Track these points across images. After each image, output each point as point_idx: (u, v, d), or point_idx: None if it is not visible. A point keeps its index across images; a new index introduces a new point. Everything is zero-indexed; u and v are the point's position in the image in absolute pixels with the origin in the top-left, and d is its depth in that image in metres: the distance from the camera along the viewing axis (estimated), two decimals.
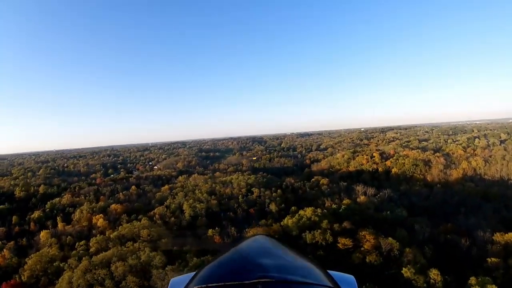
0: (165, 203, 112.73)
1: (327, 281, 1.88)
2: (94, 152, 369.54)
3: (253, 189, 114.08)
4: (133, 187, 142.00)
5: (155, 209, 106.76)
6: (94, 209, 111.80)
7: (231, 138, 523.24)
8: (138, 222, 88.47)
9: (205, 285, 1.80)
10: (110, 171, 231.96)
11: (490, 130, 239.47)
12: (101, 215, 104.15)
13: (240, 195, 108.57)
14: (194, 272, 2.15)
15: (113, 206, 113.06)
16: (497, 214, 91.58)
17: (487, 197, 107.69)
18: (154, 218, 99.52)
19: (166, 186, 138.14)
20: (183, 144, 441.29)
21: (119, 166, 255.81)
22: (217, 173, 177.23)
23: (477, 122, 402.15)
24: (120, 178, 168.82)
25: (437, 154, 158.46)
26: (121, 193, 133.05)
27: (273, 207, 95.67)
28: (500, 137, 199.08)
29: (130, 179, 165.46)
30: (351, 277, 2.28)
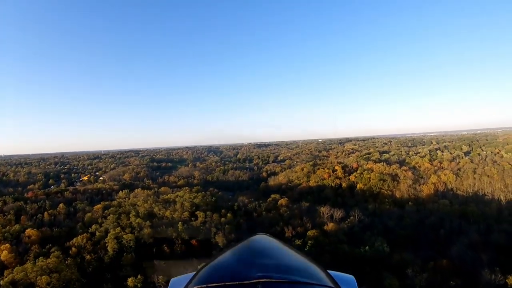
0: (90, 229, 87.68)
1: (327, 281, 1.86)
2: (42, 159, 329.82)
3: (197, 212, 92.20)
4: (61, 205, 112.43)
5: (74, 238, 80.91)
6: (6, 234, 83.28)
7: (187, 147, 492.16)
8: (43, 261, 63.82)
9: (205, 285, 1.78)
10: (51, 181, 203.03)
11: (449, 142, 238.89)
12: (7, 244, 76.27)
13: (180, 222, 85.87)
14: (194, 272, 2.11)
15: (28, 231, 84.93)
16: (483, 237, 78.17)
17: (466, 216, 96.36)
18: (70, 252, 74.52)
19: (99, 205, 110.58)
20: (136, 152, 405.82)
21: (62, 175, 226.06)
22: (163, 188, 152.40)
23: (431, 135, 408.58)
24: (55, 192, 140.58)
25: (404, 167, 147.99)
26: (46, 212, 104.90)
27: (219, 239, 74.35)
28: (462, 149, 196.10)
29: (65, 193, 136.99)
30: (351, 277, 2.26)
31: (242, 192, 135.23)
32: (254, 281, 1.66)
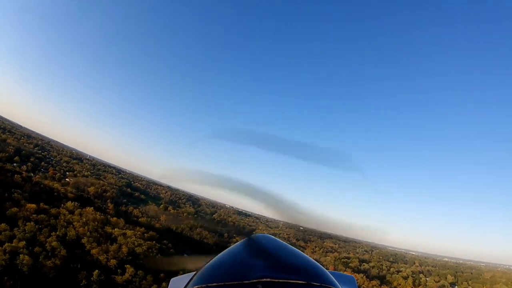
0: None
1: (328, 280, 1.84)
2: (28, 136, 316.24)
3: (127, 265, 76.05)
4: None
5: None
6: None
7: (169, 187, 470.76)
8: None
9: (205, 285, 1.77)
10: (17, 158, 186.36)
11: (432, 266, 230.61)
12: None
13: (98, 270, 69.41)
14: (194, 272, 2.09)
15: None
16: None
17: None
18: None
19: (33, 205, 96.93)
20: (119, 171, 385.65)
21: (33, 159, 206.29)
22: (116, 218, 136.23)
23: (413, 253, 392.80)
24: (7, 169, 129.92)
25: (384, 286, 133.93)
26: None
27: None
28: (447, 279, 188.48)
29: (16, 175, 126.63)
30: (351, 277, 2.26)
31: (199, 257, 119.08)
32: (254, 280, 1.63)
